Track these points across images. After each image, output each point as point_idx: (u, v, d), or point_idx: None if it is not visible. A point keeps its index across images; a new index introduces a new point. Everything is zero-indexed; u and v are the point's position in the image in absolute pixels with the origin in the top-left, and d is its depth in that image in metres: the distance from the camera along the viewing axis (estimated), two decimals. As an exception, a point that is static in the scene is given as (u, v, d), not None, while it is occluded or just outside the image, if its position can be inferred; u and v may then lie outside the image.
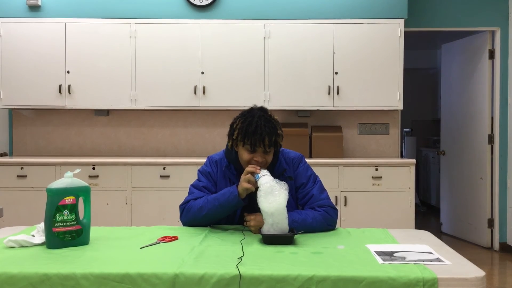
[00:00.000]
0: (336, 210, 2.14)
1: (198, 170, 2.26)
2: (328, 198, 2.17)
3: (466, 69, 5.41)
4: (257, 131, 2.05)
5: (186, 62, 4.55)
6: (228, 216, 2.16)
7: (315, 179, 2.21)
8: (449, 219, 5.71)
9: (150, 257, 1.67)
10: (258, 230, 1.94)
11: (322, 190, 2.19)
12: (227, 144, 2.20)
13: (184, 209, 2.15)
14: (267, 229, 1.87)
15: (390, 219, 4.24)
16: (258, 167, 2.03)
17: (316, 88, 4.54)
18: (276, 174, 2.12)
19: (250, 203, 2.07)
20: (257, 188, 1.96)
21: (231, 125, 2.16)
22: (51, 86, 4.56)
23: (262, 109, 2.16)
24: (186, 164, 4.34)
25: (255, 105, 2.21)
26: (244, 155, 2.10)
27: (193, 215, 2.11)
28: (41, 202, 1.90)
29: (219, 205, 2.06)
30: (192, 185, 2.21)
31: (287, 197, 1.87)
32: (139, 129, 4.93)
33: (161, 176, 4.32)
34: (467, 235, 5.33)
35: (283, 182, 1.91)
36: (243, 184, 2.00)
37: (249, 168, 2.02)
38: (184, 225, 2.17)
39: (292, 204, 2.15)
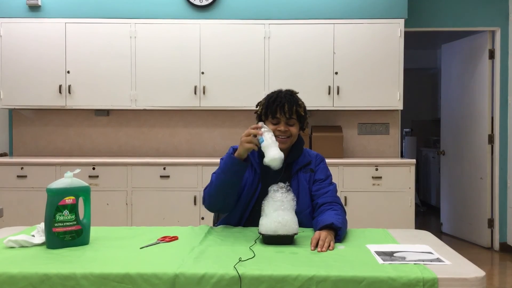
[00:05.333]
0: (345, 213, 2.15)
1: (220, 158, 2.27)
2: (340, 200, 2.21)
3: (466, 69, 5.41)
4: (277, 100, 2.17)
5: (186, 62, 4.55)
6: (238, 218, 2.18)
7: (331, 181, 2.27)
8: (449, 219, 5.71)
9: (150, 257, 1.67)
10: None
11: (336, 192, 2.25)
12: None
13: (204, 193, 2.18)
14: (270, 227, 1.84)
15: (390, 219, 4.24)
16: (261, 129, 2.01)
17: (316, 88, 4.54)
18: (301, 165, 2.21)
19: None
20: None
21: (257, 105, 2.26)
22: (51, 86, 4.56)
23: (287, 89, 2.27)
24: (186, 164, 4.34)
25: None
26: (269, 127, 2.14)
27: (209, 193, 2.13)
28: (41, 202, 1.90)
29: (221, 172, 2.07)
30: (212, 173, 2.22)
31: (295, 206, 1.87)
32: (139, 129, 4.93)
33: (161, 176, 4.32)
34: (467, 235, 5.33)
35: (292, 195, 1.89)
36: (244, 145, 2.00)
37: (250, 130, 2.01)
38: (208, 209, 2.18)
39: (307, 194, 2.19)
